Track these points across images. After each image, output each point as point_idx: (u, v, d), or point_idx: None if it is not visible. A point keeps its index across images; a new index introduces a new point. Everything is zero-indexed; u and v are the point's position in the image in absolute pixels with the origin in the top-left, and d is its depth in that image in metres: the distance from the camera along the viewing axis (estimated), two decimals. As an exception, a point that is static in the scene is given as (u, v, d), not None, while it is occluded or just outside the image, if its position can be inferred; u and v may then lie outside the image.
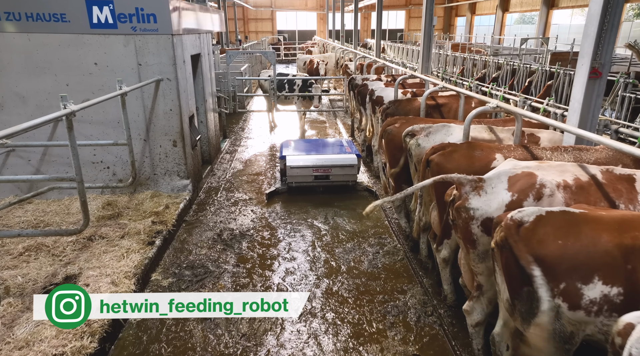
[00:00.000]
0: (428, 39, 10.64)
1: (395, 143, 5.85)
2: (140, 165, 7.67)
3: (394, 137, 5.88)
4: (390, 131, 5.92)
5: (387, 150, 6.05)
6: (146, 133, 7.52)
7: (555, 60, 18.29)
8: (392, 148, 5.94)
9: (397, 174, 5.97)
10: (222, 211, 7.77)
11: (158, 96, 7.37)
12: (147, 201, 7.52)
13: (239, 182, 9.29)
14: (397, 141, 5.77)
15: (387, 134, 5.95)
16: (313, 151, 8.16)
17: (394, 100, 7.47)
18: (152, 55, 7.14)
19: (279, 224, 7.27)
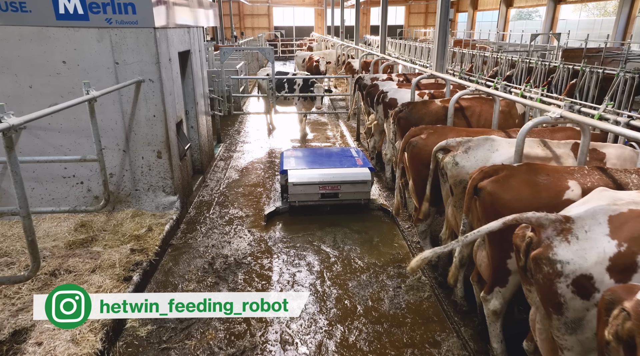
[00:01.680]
0: (443, 34, 9.61)
1: (422, 158, 4.83)
2: (119, 180, 6.62)
3: (420, 152, 4.86)
4: (415, 144, 4.90)
5: (411, 167, 5.04)
6: (125, 143, 6.47)
7: (567, 57, 17.33)
8: (417, 164, 4.92)
9: (424, 195, 4.95)
10: (214, 232, 6.74)
11: (139, 100, 6.31)
12: (128, 221, 6.47)
13: (234, 195, 8.26)
14: (425, 156, 4.75)
15: (412, 147, 4.93)
16: (318, 164, 7.12)
17: (407, 102, 6.45)
18: (132, 53, 6.08)
19: (281, 249, 6.25)
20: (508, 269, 3.55)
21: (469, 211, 3.66)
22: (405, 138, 5.08)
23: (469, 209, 3.65)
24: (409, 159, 5.02)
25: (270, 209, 6.95)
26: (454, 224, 4.52)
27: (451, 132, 4.90)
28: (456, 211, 4.30)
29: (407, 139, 5.06)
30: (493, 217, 3.45)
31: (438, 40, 9.65)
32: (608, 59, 18.09)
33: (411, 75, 9.53)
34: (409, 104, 6.32)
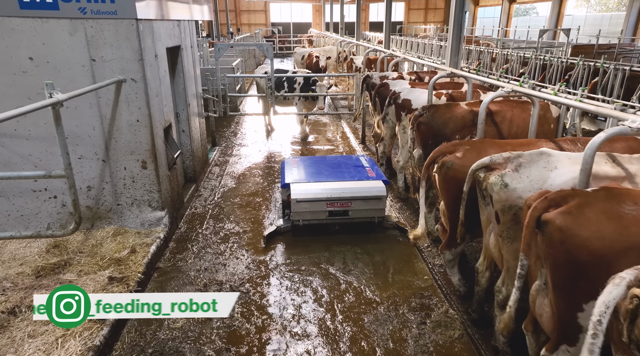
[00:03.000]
0: (458, 29, 8.81)
1: (458, 181, 4.03)
2: (98, 193, 5.80)
3: (456, 174, 4.06)
4: (451, 165, 4.10)
5: (444, 190, 4.25)
6: (105, 151, 5.65)
7: (577, 53, 16.56)
8: (453, 188, 4.12)
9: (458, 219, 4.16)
10: (207, 252, 5.93)
11: (120, 103, 5.49)
12: (108, 241, 5.67)
13: (230, 206, 7.44)
14: (462, 178, 3.96)
15: (447, 169, 4.13)
16: (325, 176, 6.27)
17: (428, 106, 5.65)
18: (110, 48, 5.26)
19: (284, 273, 5.45)
20: (579, 325, 2.77)
21: (528, 249, 2.86)
22: (434, 155, 4.28)
23: (528, 246, 2.86)
24: (442, 182, 4.22)
25: (271, 230, 6.10)
26: (496, 255, 3.73)
27: (492, 148, 4.10)
28: (502, 242, 3.52)
29: (436, 156, 4.26)
30: (563, 258, 2.67)
31: (452, 36, 8.85)
32: (620, 56, 17.34)
33: (423, 73, 8.73)
34: (431, 108, 5.52)
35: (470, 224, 4.06)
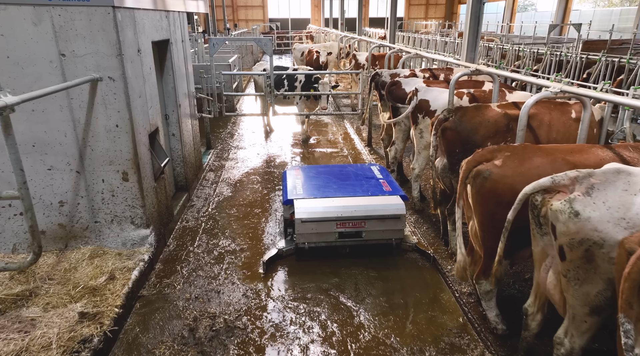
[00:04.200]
0: (475, 22, 8.07)
1: (497, 195, 3.30)
2: (72, 209, 5.03)
3: (495, 186, 3.32)
4: (488, 175, 3.35)
5: (479, 206, 3.49)
6: (79, 161, 4.88)
7: (589, 49, 15.82)
8: (489, 204, 3.38)
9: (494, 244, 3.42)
10: (199, 276, 5.17)
11: (96, 105, 4.71)
12: (84, 264, 4.90)
13: (225, 219, 6.68)
14: (502, 191, 3.23)
15: (483, 180, 3.38)
16: (333, 189, 5.47)
17: (455, 108, 4.88)
18: (83, 41, 4.47)
19: (287, 302, 4.69)
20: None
21: (629, 308, 2.11)
22: (469, 164, 3.53)
23: (629, 304, 2.10)
24: (475, 196, 3.47)
25: (271, 254, 5.28)
26: (556, 298, 2.98)
27: (537, 155, 3.35)
28: (567, 284, 2.77)
29: (472, 165, 3.50)
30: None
31: (469, 29, 8.11)
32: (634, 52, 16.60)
33: (438, 70, 7.97)
34: (458, 111, 4.75)
35: (511, 248, 3.32)
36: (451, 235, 5.15)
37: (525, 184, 2.97)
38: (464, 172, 3.55)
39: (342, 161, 9.35)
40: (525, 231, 3.23)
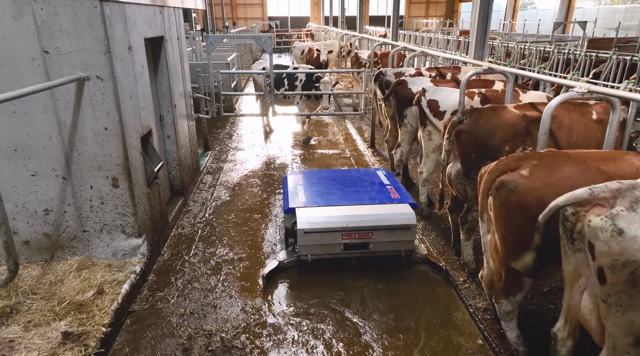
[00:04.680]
0: (484, 18, 7.75)
1: (524, 208, 2.98)
2: (58, 218, 4.70)
3: (522, 199, 2.99)
4: (514, 186, 3.02)
5: (502, 219, 3.16)
6: (66, 167, 4.54)
7: (594, 47, 15.51)
8: (515, 217, 3.06)
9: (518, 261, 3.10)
10: (194, 289, 4.85)
11: (83, 107, 4.38)
12: (71, 277, 4.57)
13: (223, 225, 6.35)
14: (530, 204, 2.91)
15: (508, 192, 3.05)
16: (338, 197, 5.11)
17: (470, 110, 4.55)
18: (68, 37, 4.14)
19: (289, 318, 4.37)
20: None
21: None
22: (492, 174, 3.19)
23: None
24: (499, 208, 3.14)
25: (271, 267, 4.91)
26: (592, 325, 2.66)
27: (567, 164, 3.02)
28: (607, 309, 2.45)
29: (495, 175, 3.17)
30: None
31: (477, 26, 7.79)
32: (638, 50, 16.28)
33: (445, 69, 7.64)
34: (473, 112, 4.42)
35: (536, 264, 3.01)
36: (464, 245, 4.83)
37: (556, 197, 2.65)
38: (485, 183, 3.22)
39: (344, 163, 9.03)
40: (552, 246, 2.91)
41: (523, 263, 3.13)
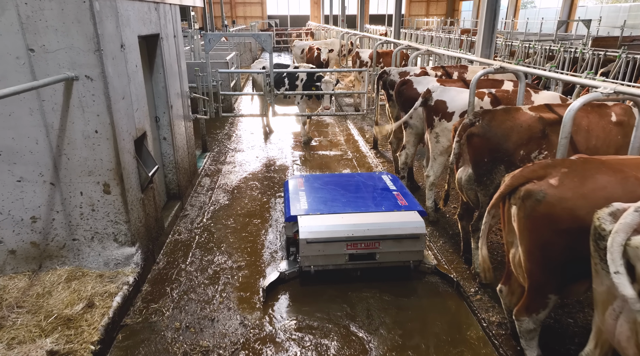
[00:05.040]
0: (491, 15, 7.49)
1: (552, 220, 2.71)
2: (46, 226, 4.44)
3: (551, 210, 2.73)
4: (542, 197, 2.76)
5: (528, 233, 2.90)
6: (54, 172, 4.28)
7: (598, 46, 15.28)
8: (543, 231, 2.79)
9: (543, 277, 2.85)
10: (191, 300, 4.59)
11: (72, 108, 4.12)
12: (59, 289, 4.32)
13: (221, 230, 6.10)
14: (560, 217, 2.65)
15: (535, 202, 2.78)
16: (342, 203, 4.83)
17: (482, 112, 4.29)
18: (55, 34, 3.88)
19: (291, 332, 4.12)
20: None
21: None
22: (515, 180, 2.93)
23: None
24: (524, 220, 2.87)
25: (272, 278, 4.62)
26: (630, 352, 2.40)
27: (601, 171, 2.76)
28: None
29: (519, 182, 2.91)
30: None
31: (484, 24, 7.54)
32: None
33: (451, 68, 7.38)
34: (485, 114, 4.17)
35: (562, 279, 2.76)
36: (475, 254, 4.57)
37: (589, 209, 2.40)
38: (506, 188, 2.95)
39: (346, 165, 8.78)
40: (581, 262, 2.66)
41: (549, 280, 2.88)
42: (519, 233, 2.90)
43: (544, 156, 4.04)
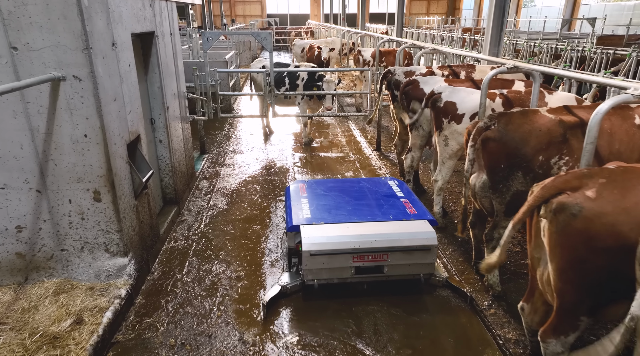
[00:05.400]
0: (499, 13, 7.23)
1: (590, 236, 2.45)
2: (32, 235, 4.18)
3: (588, 225, 2.45)
4: (578, 210, 2.48)
5: (560, 248, 2.62)
6: (40, 179, 4.02)
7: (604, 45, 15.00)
8: (577, 246, 2.52)
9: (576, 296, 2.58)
10: (187, 315, 4.32)
11: (59, 111, 3.85)
12: (46, 303, 4.06)
13: (220, 237, 5.84)
14: (599, 236, 2.38)
15: (570, 216, 2.51)
16: (347, 211, 4.53)
17: (498, 114, 4.02)
18: (39, 31, 3.61)
19: (293, 351, 3.85)
20: None
21: None
22: (547, 191, 2.66)
23: None
24: (556, 236, 2.59)
25: (272, 293, 4.32)
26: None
27: (636, 181, 2.49)
28: None
29: (551, 194, 2.63)
30: None
31: (493, 21, 7.28)
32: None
33: (458, 67, 7.11)
34: (502, 117, 3.90)
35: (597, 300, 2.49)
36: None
37: (633, 225, 2.13)
38: (535, 200, 2.68)
39: (349, 167, 8.51)
40: (620, 282, 2.40)
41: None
42: (549, 249, 2.63)
43: (565, 161, 3.77)
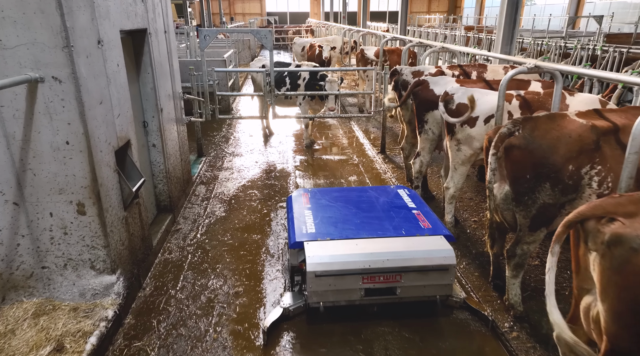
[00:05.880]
0: (512, 9, 6.85)
1: None
2: (10, 252, 3.80)
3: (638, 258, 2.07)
4: (638, 244, 2.10)
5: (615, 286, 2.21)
6: (17, 190, 3.64)
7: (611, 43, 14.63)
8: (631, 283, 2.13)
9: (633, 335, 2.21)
10: (180, 337, 3.96)
11: (37, 115, 3.48)
12: (25, 326, 3.69)
13: (217, 248, 5.47)
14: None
15: (630, 251, 2.11)
16: (355, 225, 4.12)
17: (522, 119, 3.64)
18: (13, 27, 3.24)
19: (296, 380, 3.49)
20: None
21: None
22: (587, 211, 2.29)
23: None
24: (610, 272, 2.17)
25: (274, 317, 3.92)
26: None
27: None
28: None
29: (591, 213, 2.27)
30: None
31: (505, 18, 6.91)
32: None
33: (470, 67, 6.74)
34: (527, 122, 3.53)
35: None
36: (510, 283, 3.94)
37: None
38: (574, 216, 2.30)
39: (352, 171, 8.15)
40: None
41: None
42: (601, 287, 2.25)
43: (597, 171, 3.40)
